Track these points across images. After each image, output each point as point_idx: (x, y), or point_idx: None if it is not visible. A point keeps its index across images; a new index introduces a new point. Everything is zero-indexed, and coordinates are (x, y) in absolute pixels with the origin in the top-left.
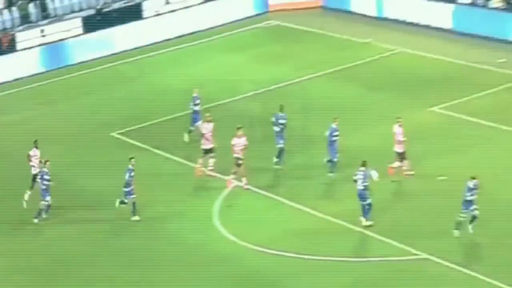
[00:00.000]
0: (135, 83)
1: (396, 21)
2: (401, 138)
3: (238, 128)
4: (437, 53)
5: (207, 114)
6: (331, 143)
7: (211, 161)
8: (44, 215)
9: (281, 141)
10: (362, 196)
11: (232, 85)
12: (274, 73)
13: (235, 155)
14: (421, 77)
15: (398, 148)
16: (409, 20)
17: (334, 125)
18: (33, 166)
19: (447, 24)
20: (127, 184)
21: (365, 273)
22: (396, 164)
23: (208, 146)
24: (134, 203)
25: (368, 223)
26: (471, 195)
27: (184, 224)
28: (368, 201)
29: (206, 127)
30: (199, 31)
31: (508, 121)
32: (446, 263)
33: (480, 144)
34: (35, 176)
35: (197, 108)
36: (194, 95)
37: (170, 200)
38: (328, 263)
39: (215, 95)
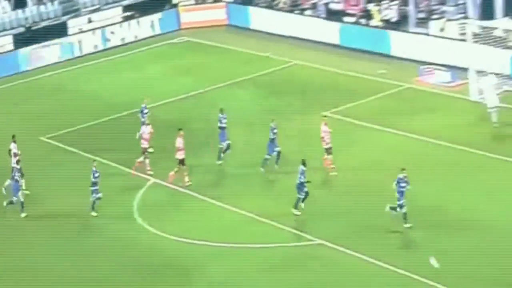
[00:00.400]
0: (63, 92)
1: (291, 37)
2: (325, 135)
3: (179, 129)
4: (327, 65)
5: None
6: (272, 140)
7: (147, 161)
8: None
9: (223, 141)
10: (298, 190)
11: (150, 93)
12: (187, 83)
13: (180, 156)
14: (314, 86)
15: (325, 145)
16: (303, 36)
17: (272, 125)
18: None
19: (335, 40)
20: (93, 184)
21: (266, 258)
22: (328, 157)
23: (146, 145)
24: (94, 201)
25: (297, 212)
26: (402, 186)
27: (108, 219)
28: (302, 195)
29: (143, 130)
30: (118, 46)
31: (387, 123)
32: (339, 248)
33: (363, 142)
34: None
35: (145, 118)
36: (143, 105)
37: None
38: (235, 250)
39: (138, 102)
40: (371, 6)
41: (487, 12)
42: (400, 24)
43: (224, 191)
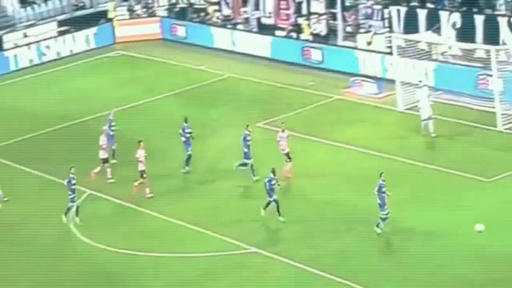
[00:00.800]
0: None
1: (225, 51)
2: (283, 142)
3: (139, 141)
4: (260, 77)
5: (104, 127)
6: (247, 147)
7: (108, 170)
8: None
9: (189, 148)
10: (268, 194)
11: (87, 105)
12: (122, 96)
13: (140, 168)
14: (247, 98)
15: (282, 151)
16: (236, 50)
17: (247, 131)
18: None
19: (267, 53)
20: (71, 191)
21: (202, 267)
22: (288, 165)
23: (105, 156)
24: (69, 209)
25: (262, 215)
26: (384, 192)
27: (42, 229)
28: (273, 197)
29: (102, 139)
30: (54, 60)
31: (318, 134)
32: (274, 256)
33: (295, 152)
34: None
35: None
36: (110, 117)
37: (30, 208)
38: (171, 259)
39: (74, 114)
40: (301, 20)
41: (411, 26)
42: (329, 37)
43: (160, 201)
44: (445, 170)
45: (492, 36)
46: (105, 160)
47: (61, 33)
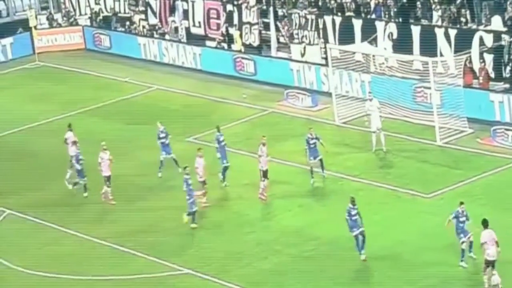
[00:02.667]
0: None
1: (152, 62)
2: (263, 155)
3: (199, 149)
4: (189, 90)
5: (103, 143)
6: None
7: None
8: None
9: (225, 160)
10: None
11: (3, 120)
12: (42, 110)
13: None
14: (176, 112)
15: (261, 168)
16: (163, 61)
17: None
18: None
19: (197, 64)
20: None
21: None
22: (264, 184)
23: (107, 173)
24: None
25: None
26: (462, 221)
27: None
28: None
29: (102, 156)
30: None
31: (251, 149)
32: (205, 276)
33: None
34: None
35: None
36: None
37: None
38: (91, 282)
39: None
40: (233, 31)
41: (346, 36)
42: (261, 48)
43: (80, 219)
44: (385, 186)
45: (429, 48)
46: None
47: None
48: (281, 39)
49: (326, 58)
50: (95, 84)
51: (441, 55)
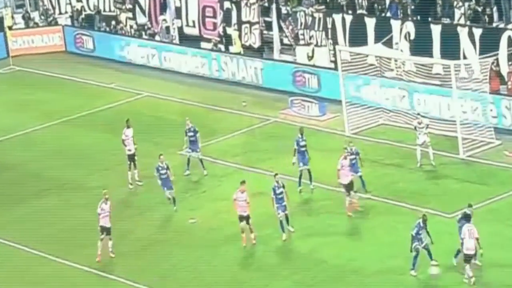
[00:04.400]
0: None
1: (140, 66)
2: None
3: (242, 182)
4: (182, 97)
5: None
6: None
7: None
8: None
9: (301, 164)
10: None
11: None
12: (18, 119)
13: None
14: (168, 121)
15: (344, 180)
16: (153, 65)
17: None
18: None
19: (191, 69)
20: None
21: None
22: (349, 199)
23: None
24: None
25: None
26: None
27: None
28: None
29: (103, 208)
30: None
31: (252, 163)
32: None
33: (224, 184)
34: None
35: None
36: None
37: None
38: None
39: None
40: (231, 31)
41: (357, 37)
42: (263, 50)
43: (16, 229)
44: (400, 204)
45: (451, 50)
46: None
47: None
48: (285, 40)
49: (335, 62)
50: (77, 90)
51: (465, 57)
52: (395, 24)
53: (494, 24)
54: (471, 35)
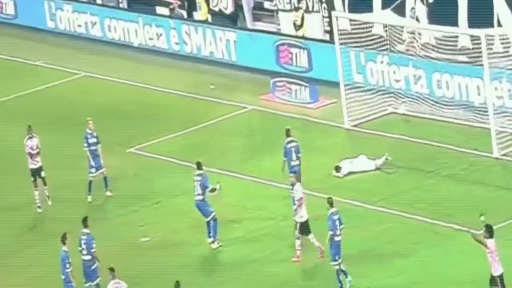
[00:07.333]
0: None
1: (76, 36)
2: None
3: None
4: (130, 78)
5: None
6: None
7: None
8: None
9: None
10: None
11: None
12: None
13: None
14: (113, 110)
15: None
16: (93, 35)
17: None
18: None
19: (141, 40)
20: None
21: None
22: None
23: None
24: None
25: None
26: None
27: None
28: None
29: None
30: None
31: (224, 164)
32: None
33: (183, 192)
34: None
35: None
36: None
37: None
38: None
39: None
40: None
41: (361, 1)
42: (237, 17)
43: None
44: (417, 217)
45: (481, 16)
46: None
47: None
48: (266, 4)
49: (330, 32)
50: None
51: (499, 26)
52: None
53: None
54: None
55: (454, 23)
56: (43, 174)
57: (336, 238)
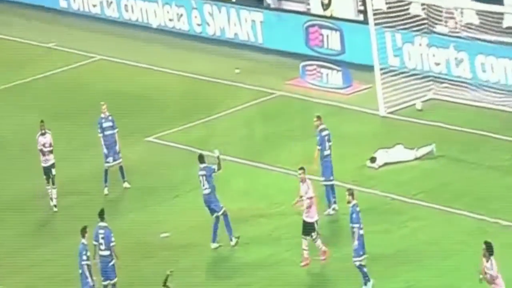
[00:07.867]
0: None
1: (91, 17)
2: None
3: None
4: (149, 62)
5: None
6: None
7: None
8: None
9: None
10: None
11: None
12: None
13: None
14: (130, 96)
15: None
16: (110, 16)
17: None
18: None
19: (161, 22)
20: None
21: None
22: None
23: None
24: None
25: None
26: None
27: None
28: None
29: None
30: None
31: (249, 154)
32: None
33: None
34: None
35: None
36: None
37: None
38: None
39: None
40: None
41: None
42: None
43: None
44: (460, 212)
45: None
46: None
47: None
48: None
49: (364, 12)
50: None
51: None
52: None
53: None
54: None
55: (499, 0)
56: (53, 171)
57: (361, 232)
